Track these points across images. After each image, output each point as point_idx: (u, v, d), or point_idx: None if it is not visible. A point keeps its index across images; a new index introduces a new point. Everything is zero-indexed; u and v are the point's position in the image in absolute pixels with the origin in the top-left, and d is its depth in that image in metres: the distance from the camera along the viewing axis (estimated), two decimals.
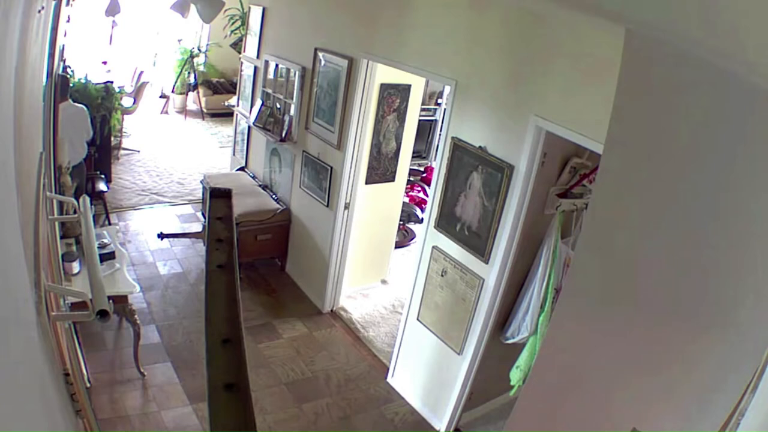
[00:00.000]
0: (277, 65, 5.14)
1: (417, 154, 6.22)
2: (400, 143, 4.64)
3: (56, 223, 2.82)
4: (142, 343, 3.71)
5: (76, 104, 4.96)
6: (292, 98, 4.85)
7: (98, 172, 5.65)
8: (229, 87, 9.66)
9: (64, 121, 4.48)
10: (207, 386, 0.89)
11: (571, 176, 3.06)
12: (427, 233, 3.54)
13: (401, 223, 5.72)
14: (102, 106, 5.94)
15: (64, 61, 5.19)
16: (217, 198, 1.39)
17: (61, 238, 3.23)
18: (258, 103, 5.33)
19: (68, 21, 5.09)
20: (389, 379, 4.04)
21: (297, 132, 4.83)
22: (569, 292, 2.00)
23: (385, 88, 4.26)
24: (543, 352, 2.45)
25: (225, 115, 9.13)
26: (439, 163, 3.43)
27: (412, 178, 6.18)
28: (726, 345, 1.43)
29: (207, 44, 9.77)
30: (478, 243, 3.16)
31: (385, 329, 4.62)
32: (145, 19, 9.25)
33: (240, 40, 7.42)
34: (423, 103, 5.44)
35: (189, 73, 9.43)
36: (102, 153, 6.04)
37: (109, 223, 5.42)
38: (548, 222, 3.08)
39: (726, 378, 1.39)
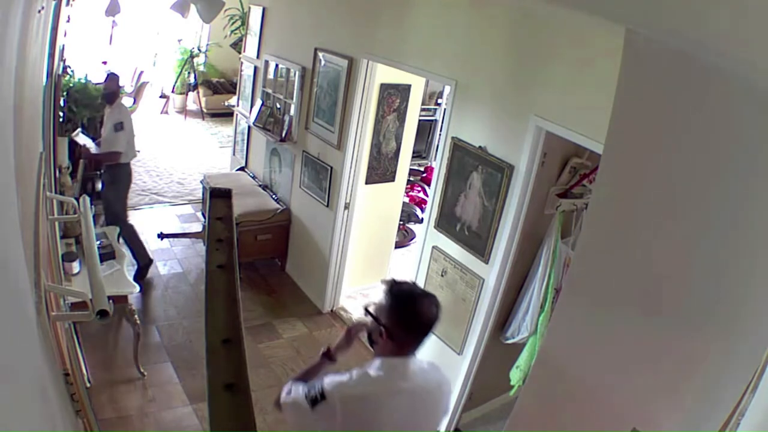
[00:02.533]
0: (277, 65, 5.14)
1: (417, 154, 6.22)
2: (400, 143, 4.64)
3: (56, 223, 2.82)
4: (142, 343, 3.71)
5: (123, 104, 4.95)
6: (292, 98, 4.85)
7: (98, 172, 5.65)
8: (229, 87, 9.66)
9: (128, 118, 4.53)
10: (207, 386, 0.89)
11: (571, 176, 3.06)
12: (427, 233, 3.54)
13: (401, 223, 5.72)
14: (102, 106, 5.93)
15: (64, 61, 5.19)
16: (217, 198, 1.39)
17: (61, 238, 3.23)
18: (258, 103, 5.33)
19: (68, 21, 5.09)
20: None
21: (297, 132, 4.83)
22: (569, 292, 2.00)
23: (385, 88, 4.26)
24: (543, 352, 2.45)
25: (225, 115, 9.12)
26: (439, 163, 3.43)
27: (412, 178, 6.18)
28: (726, 345, 1.43)
29: (207, 44, 9.77)
30: (478, 243, 3.16)
31: None
32: (145, 19, 9.25)
33: (240, 40, 7.42)
34: (423, 103, 5.44)
35: (189, 73, 9.43)
36: None
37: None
38: (548, 222, 3.08)
39: (726, 378, 1.39)
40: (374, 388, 1.75)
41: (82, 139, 5.16)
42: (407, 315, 1.78)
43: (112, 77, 4.63)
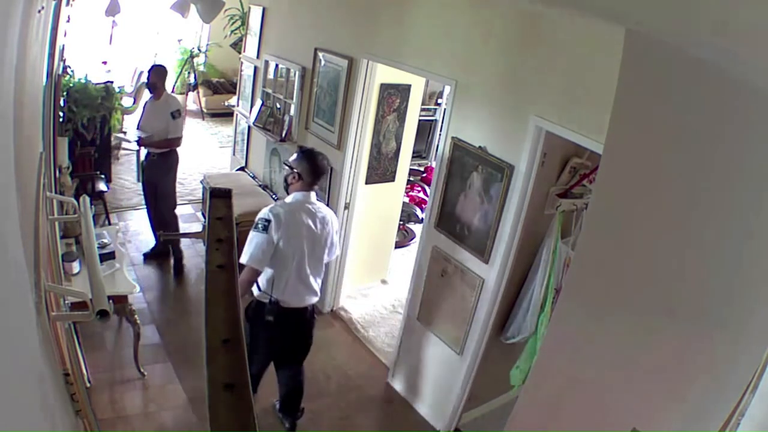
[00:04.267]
0: (277, 65, 5.14)
1: (417, 154, 6.21)
2: (400, 143, 4.64)
3: (56, 223, 2.82)
4: (142, 343, 3.70)
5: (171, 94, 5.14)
6: (292, 98, 4.85)
7: (98, 172, 5.65)
8: (229, 87, 9.65)
9: (182, 107, 4.82)
10: (207, 386, 0.89)
11: (571, 176, 3.05)
12: (427, 233, 3.54)
13: (401, 223, 5.72)
14: (102, 106, 5.93)
15: (64, 61, 5.19)
16: (217, 198, 1.39)
17: (61, 238, 3.23)
18: (258, 103, 5.33)
19: (68, 21, 5.09)
20: (389, 379, 4.04)
21: (297, 132, 4.83)
22: (569, 292, 2.00)
23: (385, 88, 4.26)
24: (543, 352, 2.45)
25: (225, 115, 9.12)
26: (439, 163, 3.43)
27: (412, 178, 6.18)
28: (726, 345, 1.43)
29: (207, 44, 9.76)
30: (478, 243, 3.16)
31: (385, 329, 4.62)
32: (145, 19, 9.25)
33: (240, 40, 7.42)
34: (423, 103, 5.44)
35: (189, 73, 9.42)
36: (102, 153, 6.04)
37: (109, 223, 5.42)
38: (548, 222, 3.08)
39: (726, 378, 1.39)
40: (291, 205, 2.97)
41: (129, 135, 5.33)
42: (311, 164, 2.98)
43: (156, 70, 4.73)
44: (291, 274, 2.92)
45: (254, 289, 3.00)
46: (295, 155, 3.05)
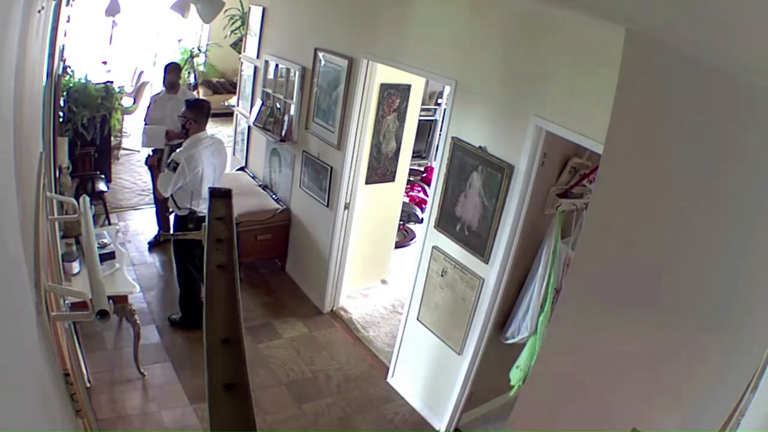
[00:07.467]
0: (277, 65, 5.14)
1: (417, 154, 6.21)
2: (400, 143, 4.64)
3: (56, 223, 2.82)
4: (142, 343, 3.71)
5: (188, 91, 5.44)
6: (292, 98, 4.85)
7: (98, 172, 5.65)
8: (229, 87, 9.65)
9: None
10: (207, 386, 0.89)
11: (571, 176, 3.05)
12: (427, 233, 3.54)
13: (401, 223, 5.71)
14: (102, 106, 5.92)
15: (64, 61, 5.18)
16: (217, 198, 1.39)
17: (61, 238, 3.22)
18: (258, 103, 5.33)
19: (68, 21, 5.09)
20: (389, 379, 4.04)
21: (297, 132, 4.83)
22: (569, 292, 2.00)
23: (385, 88, 4.26)
24: (543, 352, 2.45)
25: (225, 115, 9.11)
26: (439, 163, 3.43)
27: (412, 178, 6.18)
28: (726, 345, 1.43)
29: (207, 44, 9.76)
30: (478, 243, 3.16)
31: (385, 329, 4.62)
32: (145, 19, 9.25)
33: (240, 40, 7.41)
34: (423, 103, 5.44)
35: (189, 73, 9.41)
36: (102, 153, 6.04)
37: (109, 223, 5.42)
38: (548, 222, 3.08)
39: (726, 378, 1.39)
40: (193, 148, 3.84)
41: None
42: (200, 109, 3.94)
43: (174, 67, 5.04)
44: (202, 193, 3.86)
45: (175, 209, 4.03)
46: (185, 108, 3.95)
